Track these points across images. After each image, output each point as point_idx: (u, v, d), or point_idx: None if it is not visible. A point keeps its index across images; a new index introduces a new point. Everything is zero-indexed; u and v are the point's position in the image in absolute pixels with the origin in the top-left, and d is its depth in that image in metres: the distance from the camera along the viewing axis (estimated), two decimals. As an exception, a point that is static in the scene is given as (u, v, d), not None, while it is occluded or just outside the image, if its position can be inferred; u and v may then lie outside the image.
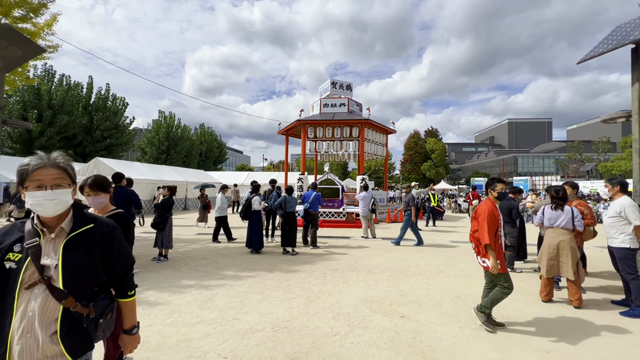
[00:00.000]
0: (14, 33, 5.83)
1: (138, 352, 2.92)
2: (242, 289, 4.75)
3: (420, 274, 5.70)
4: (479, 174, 62.40)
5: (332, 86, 15.28)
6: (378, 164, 49.14)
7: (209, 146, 40.22)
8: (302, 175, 14.01)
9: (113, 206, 2.51)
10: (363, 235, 9.70)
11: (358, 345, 3.10)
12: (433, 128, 51.72)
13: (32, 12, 7.63)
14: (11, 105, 22.71)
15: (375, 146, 14.99)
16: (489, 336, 3.33)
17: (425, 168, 46.33)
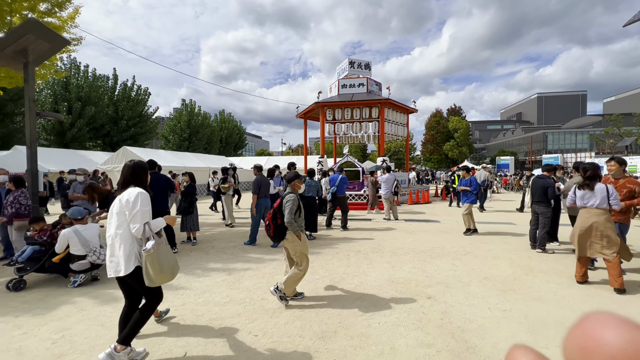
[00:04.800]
0: (41, 27, 5.99)
1: (175, 328, 3.09)
2: (268, 271, 4.87)
3: (446, 256, 5.61)
4: (504, 153, 59.82)
5: (350, 66, 14.86)
6: (398, 145, 48.12)
7: (229, 132, 40.75)
8: (322, 158, 13.94)
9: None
10: (385, 217, 9.63)
11: (385, 326, 3.11)
12: (456, 106, 49.62)
13: (56, 7, 7.80)
14: (43, 98, 23.79)
15: (395, 126, 14.60)
16: (521, 317, 3.25)
17: (448, 148, 44.86)
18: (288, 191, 3.74)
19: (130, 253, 2.45)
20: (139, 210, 2.43)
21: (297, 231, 3.56)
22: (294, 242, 3.60)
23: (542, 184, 5.78)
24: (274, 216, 3.56)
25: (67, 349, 2.76)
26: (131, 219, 2.43)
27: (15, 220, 5.15)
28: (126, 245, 2.44)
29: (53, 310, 3.55)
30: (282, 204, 3.61)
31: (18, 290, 4.14)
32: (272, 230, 3.55)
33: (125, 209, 2.44)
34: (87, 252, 4.30)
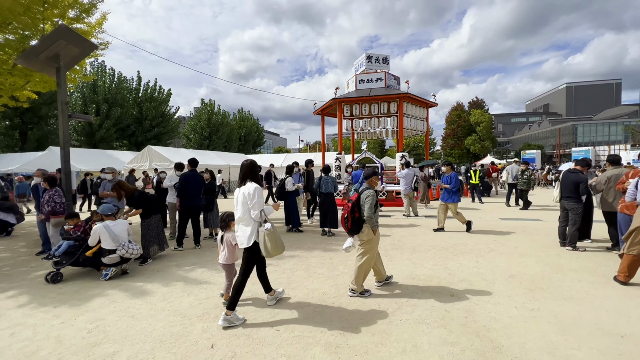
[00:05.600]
0: (71, 33, 6.28)
1: (201, 321, 3.19)
2: (288, 266, 4.92)
3: (469, 253, 5.46)
4: (530, 146, 57.36)
5: (368, 60, 14.66)
6: (417, 140, 47.18)
7: (248, 130, 41.37)
8: (340, 154, 13.89)
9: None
10: (405, 214, 9.50)
11: (407, 323, 3.08)
12: (478, 99, 47.99)
13: (84, 13, 8.15)
14: (74, 101, 25.01)
15: (415, 121, 14.30)
16: (550, 317, 3.12)
17: (469, 142, 43.51)
18: (365, 187, 3.84)
19: (252, 232, 3.16)
20: (257, 201, 3.13)
21: (375, 226, 3.67)
22: (369, 235, 3.70)
23: (573, 179, 5.50)
24: (352, 210, 3.67)
25: (101, 338, 2.92)
26: (252, 207, 3.14)
27: (51, 217, 5.47)
28: (248, 226, 3.17)
29: (87, 301, 3.75)
30: (359, 198, 3.72)
31: (56, 283, 4.41)
32: (350, 223, 3.68)
33: (247, 200, 3.15)
34: (117, 246, 4.51)
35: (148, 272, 4.84)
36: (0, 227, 7.97)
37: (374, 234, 3.70)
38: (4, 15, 6.57)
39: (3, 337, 2.99)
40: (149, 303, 3.66)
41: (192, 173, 6.23)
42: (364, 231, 3.71)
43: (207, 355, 2.61)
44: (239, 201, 3.23)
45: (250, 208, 3.15)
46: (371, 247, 3.75)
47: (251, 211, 3.15)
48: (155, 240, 5.44)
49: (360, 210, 3.67)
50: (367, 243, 3.75)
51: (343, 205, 4.13)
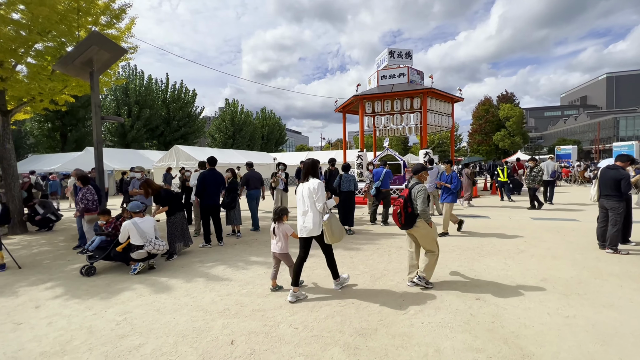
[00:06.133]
0: (103, 39, 6.61)
1: (221, 317, 3.25)
2: (308, 264, 4.90)
3: (497, 254, 5.21)
4: (565, 142, 54.04)
5: (390, 56, 14.35)
6: (442, 136, 45.78)
7: (271, 129, 41.94)
8: (361, 152, 13.73)
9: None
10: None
11: (429, 326, 2.97)
12: (507, 92, 45.71)
13: (114, 18, 8.56)
14: (107, 103, 26.41)
15: (439, 117, 13.86)
16: (587, 326, 2.90)
17: (498, 138, 41.56)
18: (415, 181, 3.90)
19: (318, 222, 3.61)
20: (321, 195, 3.57)
21: (429, 219, 3.73)
22: (425, 229, 3.77)
23: (613, 176, 5.09)
24: (404, 205, 3.71)
25: (128, 330, 3.04)
26: (317, 200, 3.57)
27: (85, 214, 5.79)
28: (314, 217, 3.60)
29: (117, 294, 3.94)
30: (411, 193, 3.77)
31: (89, 276, 4.66)
32: (403, 218, 3.73)
33: (313, 193, 3.58)
34: (144, 242, 4.69)
35: (173, 267, 5.01)
36: (43, 222, 8.57)
37: (430, 226, 3.77)
38: (44, 24, 7.01)
39: (42, 326, 3.19)
40: (173, 298, 3.78)
41: (210, 172, 6.34)
42: (418, 226, 3.77)
43: (227, 352, 2.65)
44: (304, 195, 3.66)
45: (315, 201, 3.58)
46: (432, 238, 3.83)
47: (316, 203, 3.58)
48: (180, 237, 5.62)
49: (412, 205, 3.74)
50: (426, 237, 3.81)
51: (364, 202, 4.13)
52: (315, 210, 3.62)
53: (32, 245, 6.81)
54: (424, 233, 3.81)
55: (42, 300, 3.86)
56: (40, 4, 6.56)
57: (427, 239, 3.83)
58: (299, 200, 3.75)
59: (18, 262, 5.33)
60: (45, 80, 7.86)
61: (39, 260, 5.64)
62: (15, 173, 8.25)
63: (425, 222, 3.75)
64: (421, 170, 3.97)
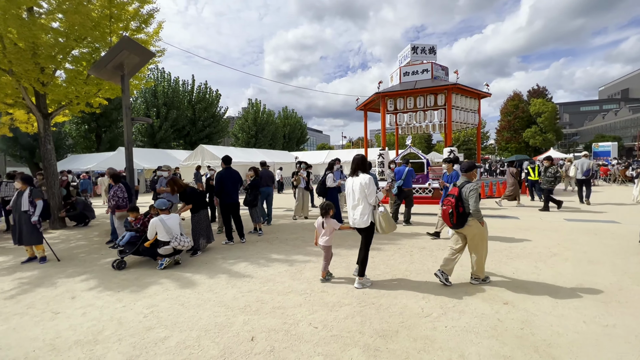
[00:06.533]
0: (133, 43, 6.90)
1: (243, 313, 3.30)
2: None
3: (527, 257, 4.95)
4: (604, 138, 50.50)
5: (413, 52, 14.02)
6: (468, 133, 44.23)
7: (292, 128, 42.31)
8: (383, 150, 13.53)
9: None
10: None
11: (453, 330, 2.86)
12: (539, 87, 43.40)
13: (143, 23, 8.93)
14: (138, 105, 27.66)
15: (465, 114, 13.38)
16: (629, 336, 2.68)
17: (529, 135, 39.58)
18: (465, 180, 3.87)
19: (369, 214, 3.80)
20: (373, 189, 3.76)
21: (481, 218, 3.72)
22: (478, 228, 3.74)
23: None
24: (456, 205, 3.71)
25: (155, 323, 3.16)
26: (368, 194, 3.76)
27: (116, 210, 6.09)
28: (364, 210, 3.79)
29: (145, 288, 4.11)
30: (462, 192, 3.76)
31: (120, 269, 4.90)
32: (455, 217, 3.72)
33: (364, 188, 3.76)
34: (170, 238, 4.86)
35: (197, 263, 5.16)
36: (79, 218, 9.12)
37: (481, 226, 3.74)
38: (79, 31, 7.43)
39: (77, 316, 3.39)
40: (197, 293, 3.89)
41: (226, 171, 6.42)
42: (470, 225, 3.73)
43: (247, 348, 2.68)
44: (355, 189, 3.86)
45: (367, 195, 3.76)
46: (482, 238, 3.79)
47: (368, 197, 3.76)
48: (204, 234, 5.78)
49: (464, 204, 3.72)
50: (477, 236, 3.77)
51: (385, 202, 4.11)
52: (366, 204, 3.80)
53: (70, 240, 7.27)
54: (475, 232, 3.76)
55: (77, 291, 4.09)
56: (76, 12, 6.96)
57: (478, 238, 3.79)
58: (349, 195, 3.96)
59: (57, 255, 5.71)
60: (81, 84, 8.34)
61: (76, 253, 6.00)
62: (55, 172, 8.83)
63: (477, 221, 3.70)
64: (472, 169, 3.91)
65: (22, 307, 3.67)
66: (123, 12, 8.11)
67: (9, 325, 3.24)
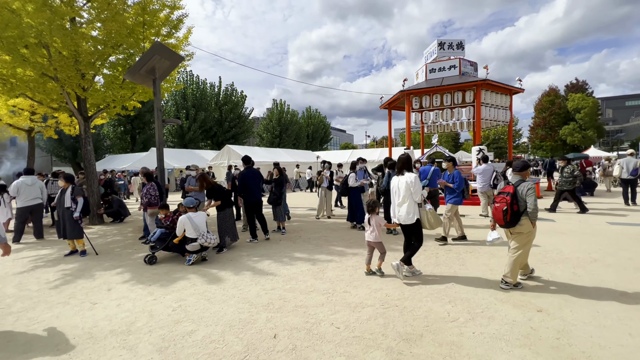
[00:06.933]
0: (164, 48, 7.21)
1: (266, 310, 3.35)
2: (351, 263, 4.87)
3: (564, 262, 4.65)
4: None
5: (440, 47, 13.59)
6: (499, 131, 42.27)
7: (315, 128, 42.49)
8: (408, 149, 13.24)
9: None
10: (482, 214, 8.58)
11: (481, 337, 2.74)
12: (578, 80, 40.59)
13: (173, 28, 9.32)
14: (168, 108, 28.91)
15: (495, 111, 12.78)
16: (682, 353, 2.44)
17: (566, 132, 37.11)
18: (519, 179, 3.83)
19: (415, 211, 4.01)
20: (418, 187, 3.97)
21: (537, 218, 3.67)
22: (529, 228, 3.66)
23: None
24: (512, 203, 3.67)
25: (182, 316, 3.29)
26: (414, 192, 3.97)
27: (148, 208, 6.39)
28: (410, 207, 4.01)
29: (173, 283, 4.28)
30: (517, 190, 3.71)
31: (151, 264, 5.14)
32: (509, 216, 3.67)
33: (410, 186, 3.97)
34: (197, 235, 5.04)
35: (223, 260, 5.30)
36: (116, 215, 9.68)
37: (533, 227, 3.65)
38: (116, 38, 7.88)
39: (112, 307, 3.59)
40: (222, 289, 4.00)
41: (249, 170, 6.52)
42: (522, 224, 3.65)
43: (270, 345, 2.72)
44: (400, 187, 4.08)
45: (413, 193, 3.97)
46: (529, 239, 3.71)
47: (414, 195, 3.97)
48: (229, 231, 5.94)
49: (519, 203, 3.65)
50: (526, 236, 3.69)
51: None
52: (411, 201, 3.99)
53: (107, 235, 7.73)
54: (526, 232, 3.67)
55: (113, 283, 4.34)
56: (113, 20, 7.39)
57: (525, 238, 3.69)
58: (394, 193, 4.17)
59: (96, 249, 6.09)
60: (117, 89, 8.84)
61: (112, 248, 6.37)
62: (94, 171, 9.42)
63: (529, 222, 3.62)
64: (526, 168, 3.87)
65: (65, 296, 3.95)
66: (155, 19, 8.50)
67: (53, 313, 3.49)
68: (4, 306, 3.70)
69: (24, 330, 3.15)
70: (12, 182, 7.81)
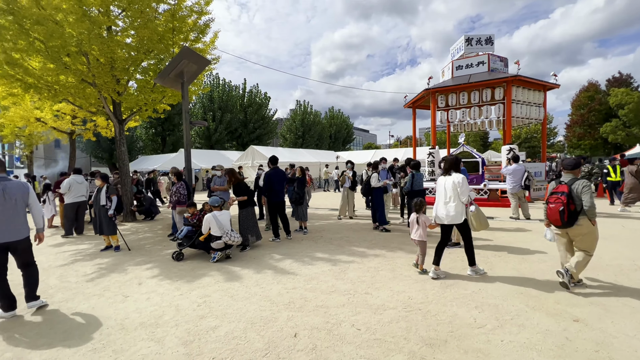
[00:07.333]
0: (192, 53, 7.47)
1: (287, 309, 3.38)
2: (373, 265, 4.80)
3: (604, 269, 4.32)
4: None
5: (467, 43, 13.12)
6: (531, 130, 40.14)
7: (338, 128, 42.41)
8: (433, 149, 12.88)
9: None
10: (512, 216, 8.18)
11: (510, 345, 2.61)
12: (622, 74, 37.66)
13: (200, 33, 9.65)
14: (196, 110, 29.97)
15: (527, 108, 12.15)
16: None
17: (608, 130, 34.50)
18: (573, 177, 3.75)
19: (462, 211, 4.05)
20: (465, 188, 4.01)
21: (595, 215, 3.57)
22: (588, 227, 3.58)
23: None
24: (568, 202, 3.62)
25: (207, 312, 3.38)
26: (461, 193, 4.00)
27: (177, 206, 6.65)
28: (457, 207, 4.04)
29: (199, 279, 4.42)
30: (572, 189, 3.62)
31: (178, 260, 5.34)
32: (566, 215, 3.62)
33: (457, 186, 4.01)
34: (222, 233, 5.17)
35: (246, 258, 5.41)
36: (147, 213, 10.16)
37: (593, 225, 3.55)
38: (147, 45, 8.28)
39: (142, 300, 3.77)
40: (245, 286, 4.08)
41: (274, 171, 6.63)
42: (580, 224, 3.56)
43: (290, 343, 2.73)
44: (447, 187, 4.12)
45: (460, 194, 4.00)
46: (595, 238, 3.62)
47: (461, 196, 4.00)
48: (252, 230, 6.05)
49: (575, 202, 3.57)
50: (589, 236, 3.60)
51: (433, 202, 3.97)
52: (458, 201, 4.03)
53: (139, 232, 8.13)
54: (586, 232, 3.55)
55: (143, 278, 4.56)
56: (145, 28, 7.76)
57: (589, 237, 3.59)
58: (440, 192, 4.21)
59: (128, 245, 6.42)
60: (148, 92, 9.28)
61: (143, 244, 6.69)
62: (128, 171, 9.95)
63: (588, 220, 3.51)
64: (578, 166, 3.75)
65: (100, 289, 4.19)
66: (183, 25, 8.83)
67: (89, 304, 3.72)
68: (47, 296, 3.98)
69: (63, 319, 3.38)
70: (55, 181, 8.42)
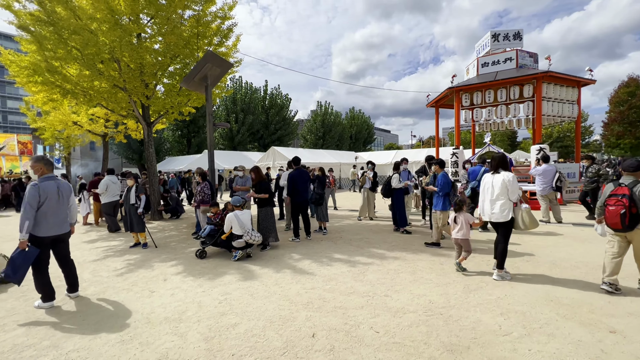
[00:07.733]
0: (215, 57, 7.70)
1: (305, 309, 3.40)
2: (393, 267, 4.73)
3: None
4: None
5: (494, 39, 12.63)
6: (564, 129, 38.03)
7: (359, 128, 42.12)
8: (457, 149, 12.50)
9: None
10: (542, 219, 7.78)
11: (539, 355, 2.48)
12: (668, 67, 34.77)
13: (224, 37, 9.92)
14: (219, 112, 30.79)
15: (559, 105, 11.52)
16: None
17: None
18: (635, 180, 3.63)
19: (509, 209, 4.02)
20: (515, 186, 4.01)
21: None
22: None
23: None
24: (630, 206, 3.54)
25: (227, 309, 3.46)
26: (511, 191, 4.01)
27: (201, 205, 6.86)
28: (505, 205, 4.04)
29: (220, 277, 4.53)
30: (633, 192, 3.52)
31: (202, 258, 5.51)
32: (627, 219, 3.55)
33: (507, 185, 4.02)
34: (243, 232, 5.28)
35: (266, 257, 5.49)
36: (173, 212, 10.56)
37: None
38: (174, 50, 8.61)
39: (167, 296, 3.92)
40: (265, 285, 4.14)
41: (297, 171, 6.69)
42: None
43: (308, 343, 2.74)
44: (495, 185, 4.14)
45: (509, 192, 4.00)
46: None
47: (510, 194, 4.01)
48: (272, 230, 6.13)
49: (637, 205, 3.46)
50: None
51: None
52: (506, 200, 4.02)
53: (165, 230, 8.46)
54: None
55: (168, 274, 4.73)
56: (172, 34, 8.08)
57: None
58: (487, 190, 4.22)
59: (155, 242, 6.70)
60: (175, 96, 9.65)
61: (168, 242, 6.96)
62: (155, 172, 10.37)
63: None
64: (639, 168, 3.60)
65: (128, 284, 4.40)
66: (207, 30, 9.11)
67: (119, 298, 3.91)
68: (81, 289, 4.22)
69: (95, 311, 3.57)
70: (89, 181, 8.93)
